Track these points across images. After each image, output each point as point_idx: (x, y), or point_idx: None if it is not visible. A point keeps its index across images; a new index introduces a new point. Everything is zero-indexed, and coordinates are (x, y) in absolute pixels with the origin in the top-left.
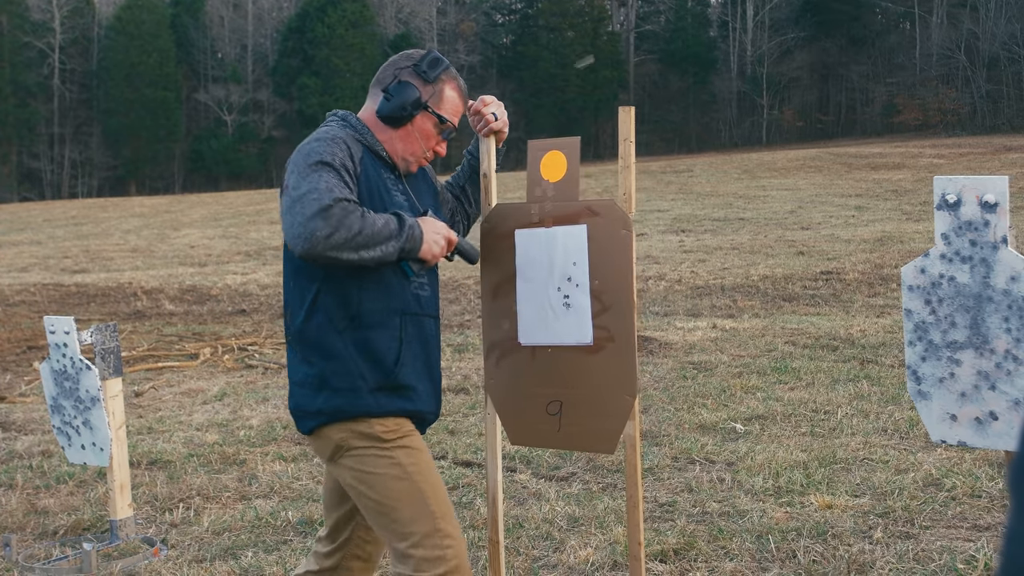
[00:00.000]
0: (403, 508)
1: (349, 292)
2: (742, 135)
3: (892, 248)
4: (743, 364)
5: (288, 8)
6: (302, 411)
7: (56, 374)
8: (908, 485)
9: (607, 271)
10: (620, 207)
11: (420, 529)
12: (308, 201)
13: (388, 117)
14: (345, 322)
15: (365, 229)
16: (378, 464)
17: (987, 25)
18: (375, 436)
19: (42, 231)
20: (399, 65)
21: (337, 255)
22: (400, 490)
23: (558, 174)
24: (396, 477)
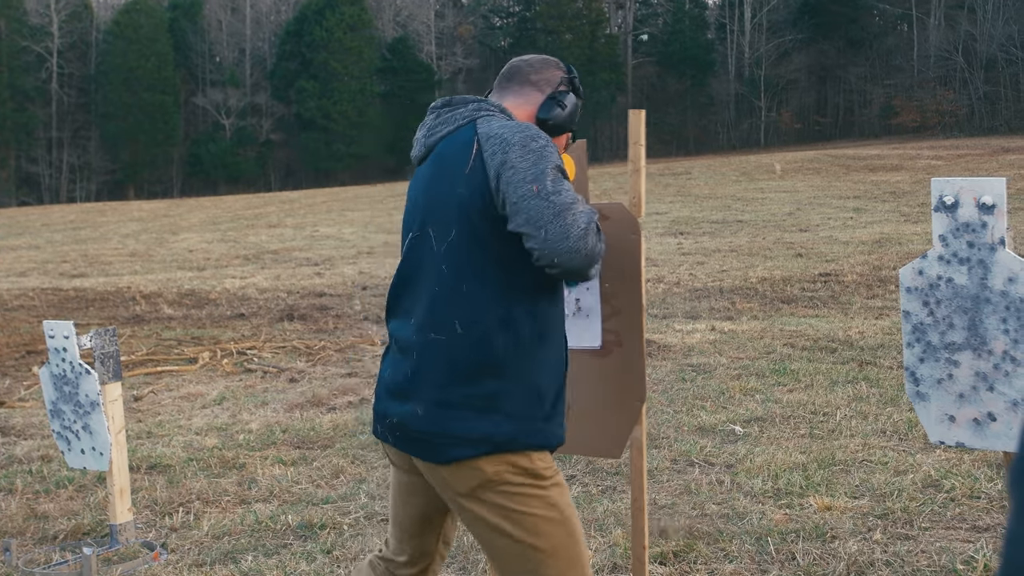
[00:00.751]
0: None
1: (546, 310)
2: (740, 137)
3: (890, 250)
4: (742, 366)
5: (286, 12)
6: (453, 437)
7: (55, 379)
8: (907, 486)
9: (616, 275)
10: (629, 211)
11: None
12: (576, 213)
13: (555, 125)
14: (532, 339)
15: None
16: (533, 504)
17: (985, 27)
18: (535, 472)
19: (40, 236)
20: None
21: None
22: (554, 534)
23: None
24: (551, 520)
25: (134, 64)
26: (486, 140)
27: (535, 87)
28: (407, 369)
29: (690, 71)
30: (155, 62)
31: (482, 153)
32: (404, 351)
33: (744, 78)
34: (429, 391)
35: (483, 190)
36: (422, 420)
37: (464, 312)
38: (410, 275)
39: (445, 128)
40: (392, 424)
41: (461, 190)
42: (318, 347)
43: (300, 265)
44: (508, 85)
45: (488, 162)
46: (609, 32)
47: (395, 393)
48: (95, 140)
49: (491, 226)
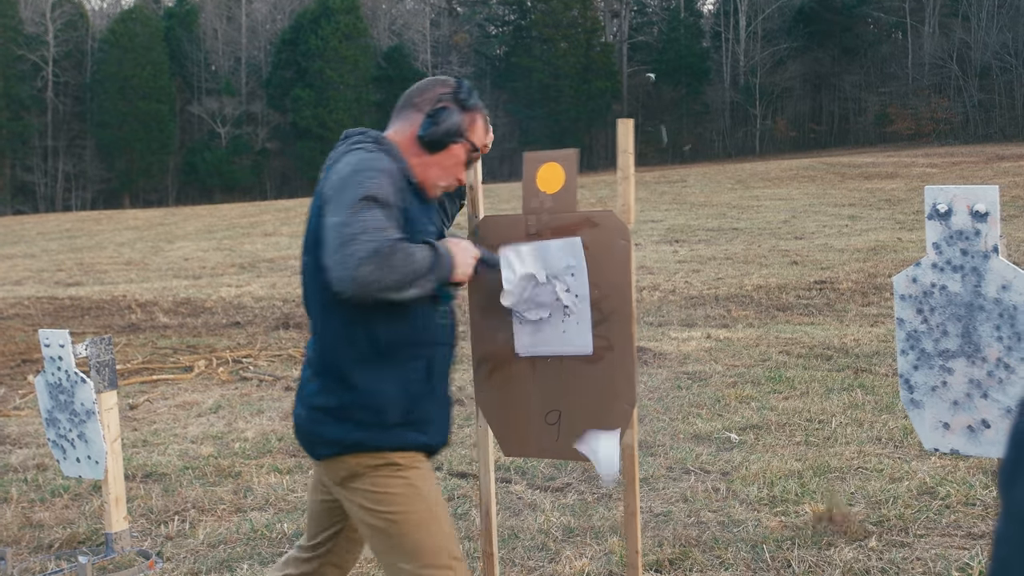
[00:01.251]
0: (414, 529)
1: (377, 325)
2: (735, 145)
3: (885, 257)
4: (737, 374)
5: (282, 20)
6: (318, 438)
7: (51, 387)
8: (902, 494)
9: (606, 281)
10: (619, 218)
11: (430, 550)
12: (360, 242)
13: (432, 142)
14: (373, 354)
15: (408, 268)
16: (392, 484)
17: (979, 35)
18: (392, 462)
19: (36, 244)
20: (438, 90)
21: (383, 296)
22: (413, 510)
23: (555, 186)
24: (410, 497)
25: (130, 73)
26: (329, 176)
27: (417, 109)
28: (302, 373)
29: (685, 79)
30: (151, 71)
31: (323, 188)
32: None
33: (739, 86)
34: (307, 397)
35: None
36: (304, 421)
37: (319, 331)
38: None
39: (329, 162)
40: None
41: (312, 221)
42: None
43: (296, 273)
44: (398, 113)
45: (322, 196)
46: (604, 40)
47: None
48: (91, 148)
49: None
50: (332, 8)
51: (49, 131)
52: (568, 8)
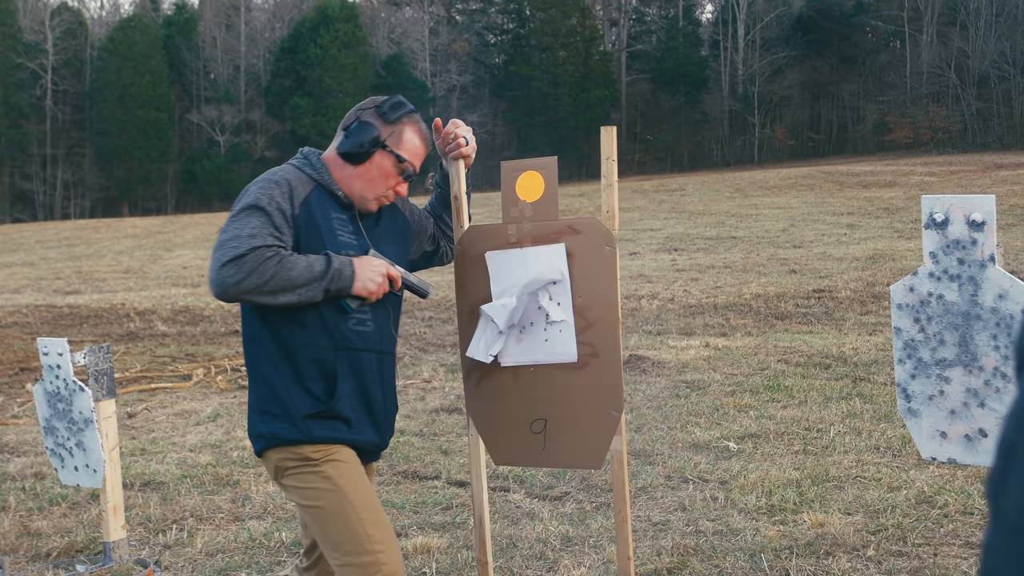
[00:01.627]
0: (332, 520)
1: (280, 326)
2: (734, 154)
3: (884, 266)
4: (736, 382)
5: (281, 29)
6: (250, 433)
7: (49, 396)
8: (901, 503)
9: (591, 288)
10: (603, 224)
11: (351, 538)
12: (226, 248)
13: (346, 154)
14: (279, 353)
15: (280, 275)
16: (309, 479)
17: (977, 44)
18: (306, 457)
19: (34, 252)
20: (362, 107)
21: (250, 299)
22: (328, 502)
23: (535, 194)
24: (325, 490)
25: (129, 81)
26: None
27: (342, 126)
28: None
29: (684, 88)
30: (150, 79)
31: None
32: None
33: (738, 95)
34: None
35: None
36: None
37: (243, 331)
38: None
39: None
40: None
41: None
42: None
43: None
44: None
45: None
46: (603, 49)
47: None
48: (89, 157)
49: None
50: (331, 17)
51: (48, 139)
52: (567, 17)
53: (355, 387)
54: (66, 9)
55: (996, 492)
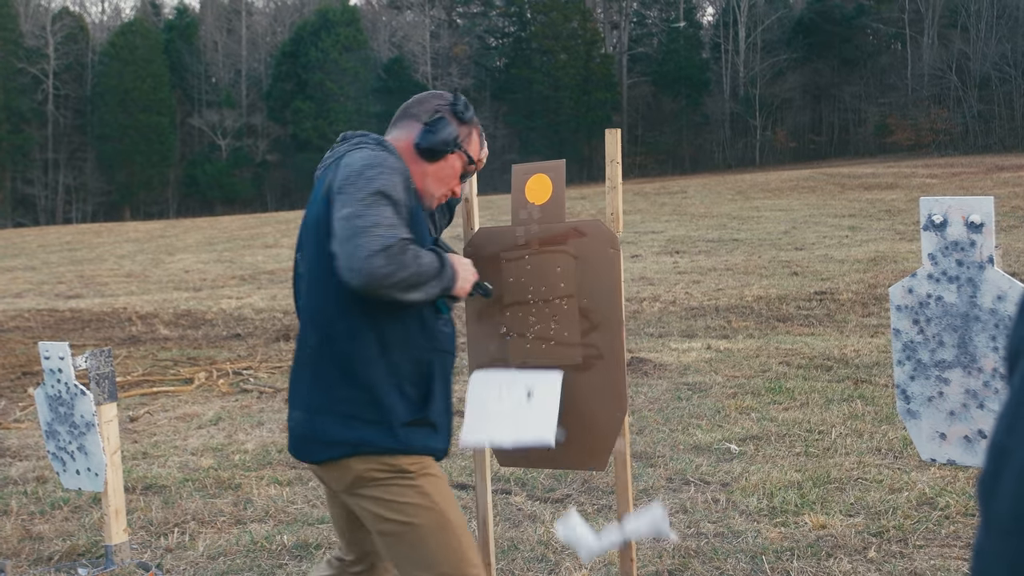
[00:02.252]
0: (429, 538)
1: (387, 325)
2: (735, 156)
3: (886, 268)
4: (737, 385)
5: (282, 33)
6: (319, 440)
7: (51, 400)
8: (902, 504)
9: (595, 290)
10: (607, 226)
11: (447, 559)
12: (372, 236)
13: (428, 150)
14: (379, 353)
15: (419, 270)
16: (404, 493)
17: (978, 45)
18: (401, 468)
19: (36, 257)
20: (435, 102)
21: (389, 293)
22: (427, 519)
23: (543, 197)
24: (423, 506)
25: (130, 85)
26: (339, 169)
27: (415, 119)
28: (292, 377)
29: (685, 90)
30: (151, 83)
31: (332, 182)
32: (294, 361)
33: (739, 97)
34: (303, 398)
35: (328, 213)
36: (301, 424)
37: (319, 326)
38: (296, 295)
39: (328, 160)
40: (289, 427)
41: (316, 214)
42: None
43: None
44: (397, 122)
45: (332, 188)
46: (604, 52)
47: (289, 400)
48: (91, 161)
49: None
50: (332, 20)
51: (50, 144)
52: (568, 20)
53: (443, 391)
54: (67, 14)
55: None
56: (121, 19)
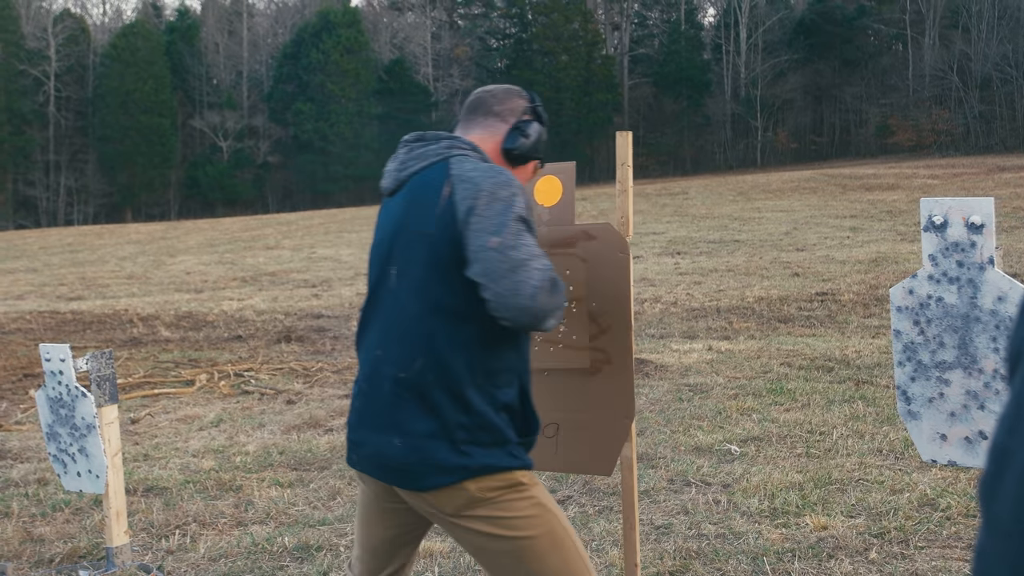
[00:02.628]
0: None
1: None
2: (736, 157)
3: (887, 269)
4: (739, 386)
5: (283, 34)
6: (430, 467)
7: (52, 402)
8: (903, 505)
9: (604, 293)
10: (617, 230)
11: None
12: (532, 271)
13: (521, 155)
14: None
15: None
16: (519, 506)
17: (979, 46)
18: (515, 482)
19: (37, 258)
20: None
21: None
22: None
23: (553, 199)
24: (539, 517)
25: (131, 87)
26: (459, 182)
27: (499, 118)
28: (380, 401)
29: (686, 92)
30: (152, 85)
31: (454, 195)
32: (374, 383)
33: (740, 98)
34: (403, 423)
35: (452, 232)
36: (399, 450)
37: (427, 351)
38: (379, 308)
39: (417, 164)
40: (369, 454)
41: (432, 229)
42: (315, 369)
43: (297, 287)
44: (473, 118)
45: (459, 205)
46: (605, 53)
47: (370, 424)
48: (92, 163)
49: (455, 267)
50: (333, 22)
51: (51, 146)
52: (569, 21)
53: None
54: (69, 16)
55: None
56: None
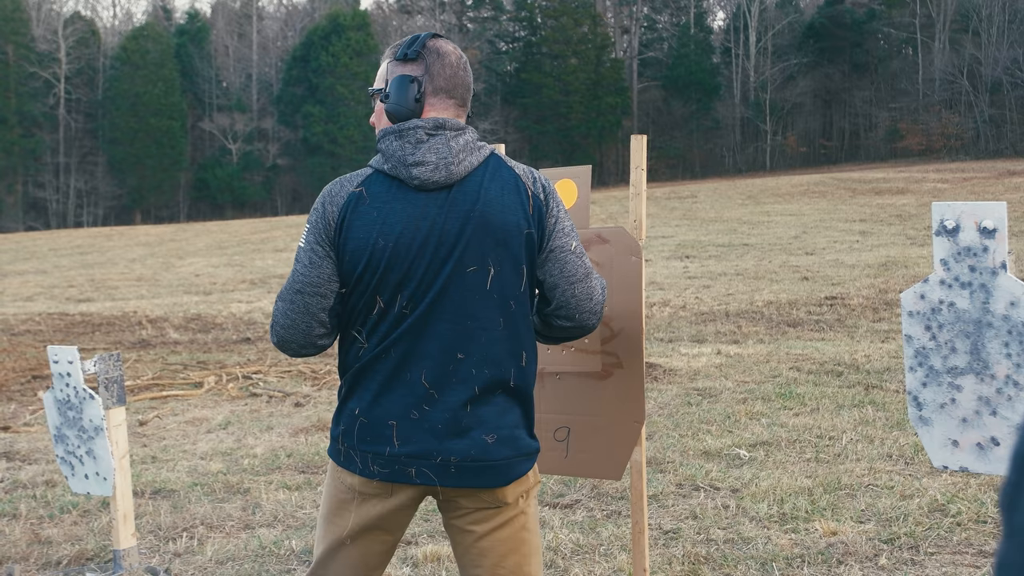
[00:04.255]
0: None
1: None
2: (746, 161)
3: (896, 273)
4: (747, 390)
5: (292, 37)
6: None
7: (60, 404)
8: (913, 511)
9: (616, 297)
10: (630, 234)
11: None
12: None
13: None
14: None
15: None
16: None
17: (989, 50)
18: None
19: (47, 260)
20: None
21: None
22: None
23: (568, 202)
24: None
25: (141, 90)
26: (532, 182)
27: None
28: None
29: (695, 95)
30: (162, 87)
31: (537, 196)
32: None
33: (749, 102)
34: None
35: (541, 233)
36: (493, 447)
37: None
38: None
39: (472, 157)
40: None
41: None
42: (323, 371)
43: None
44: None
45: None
46: (614, 56)
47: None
48: (102, 165)
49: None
50: (343, 25)
51: (61, 148)
52: (578, 24)
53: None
54: (79, 19)
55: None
56: (133, 24)
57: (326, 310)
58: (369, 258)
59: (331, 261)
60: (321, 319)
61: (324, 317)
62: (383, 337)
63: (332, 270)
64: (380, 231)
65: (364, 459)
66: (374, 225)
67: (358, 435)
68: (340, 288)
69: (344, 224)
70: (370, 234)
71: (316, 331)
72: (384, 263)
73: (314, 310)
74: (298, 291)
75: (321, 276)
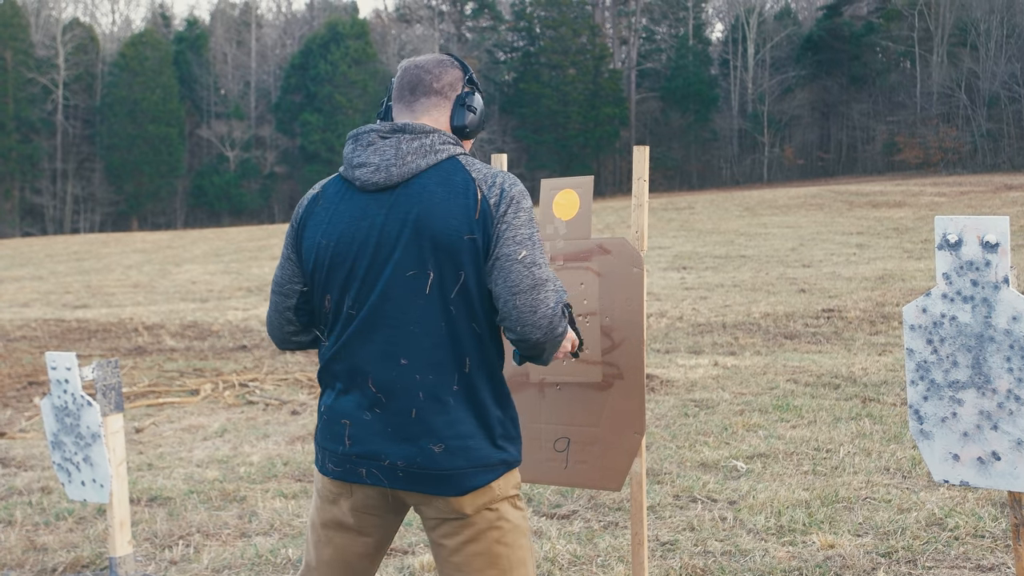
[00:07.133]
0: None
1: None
2: (743, 172)
3: (893, 286)
4: (745, 402)
5: (291, 45)
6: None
7: (57, 410)
8: (911, 524)
9: (617, 308)
10: (632, 245)
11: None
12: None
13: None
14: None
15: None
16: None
17: (987, 64)
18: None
19: (44, 266)
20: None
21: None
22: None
23: (570, 212)
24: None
25: (139, 96)
26: (488, 187)
27: (441, 95)
28: (407, 410)
29: (693, 106)
30: (160, 94)
31: (487, 200)
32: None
33: (747, 114)
34: (441, 428)
35: (488, 238)
36: (441, 456)
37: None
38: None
39: (421, 159)
40: (392, 466)
41: (475, 233)
42: None
43: None
44: (415, 99)
45: (492, 210)
46: (613, 67)
47: (391, 436)
48: (99, 171)
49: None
50: (341, 33)
51: (58, 154)
52: (577, 35)
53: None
54: (78, 25)
55: None
56: (131, 30)
57: (291, 309)
58: (316, 257)
59: (293, 262)
60: (288, 317)
61: (291, 316)
62: (338, 337)
63: (294, 271)
64: (325, 231)
65: (323, 456)
66: (321, 225)
67: (321, 432)
68: (303, 287)
69: (302, 225)
70: (317, 233)
71: (287, 328)
72: (328, 262)
73: (281, 308)
74: (273, 291)
75: (284, 276)
